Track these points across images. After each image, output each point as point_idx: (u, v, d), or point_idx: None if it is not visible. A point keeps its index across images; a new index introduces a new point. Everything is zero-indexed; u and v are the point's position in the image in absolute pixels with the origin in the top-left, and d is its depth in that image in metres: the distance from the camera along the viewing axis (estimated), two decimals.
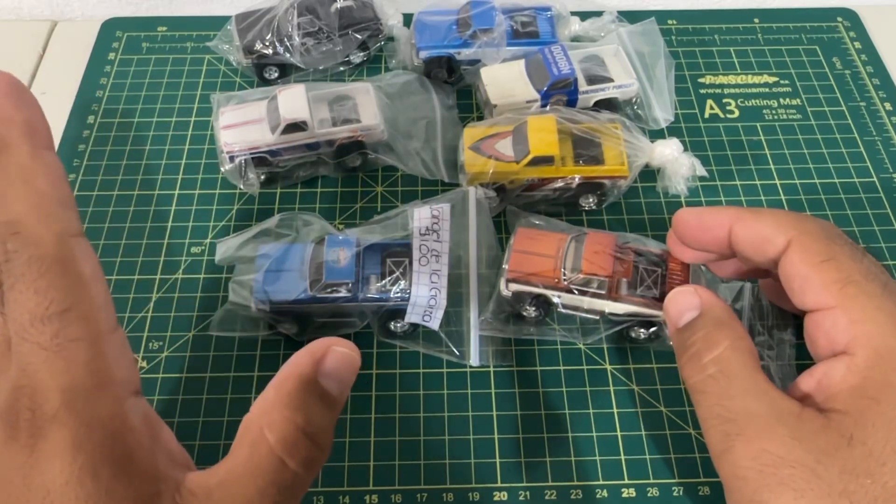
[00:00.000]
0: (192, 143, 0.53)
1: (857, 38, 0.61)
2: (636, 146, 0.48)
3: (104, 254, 0.48)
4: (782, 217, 0.36)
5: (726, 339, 0.34)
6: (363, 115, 0.50)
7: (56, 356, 0.27)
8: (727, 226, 0.37)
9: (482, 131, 0.49)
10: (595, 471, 0.40)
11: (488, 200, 0.47)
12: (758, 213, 0.36)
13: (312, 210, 0.49)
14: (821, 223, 0.35)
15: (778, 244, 0.35)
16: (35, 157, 0.29)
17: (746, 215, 0.36)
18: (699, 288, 0.37)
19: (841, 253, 0.34)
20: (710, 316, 0.36)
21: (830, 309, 0.33)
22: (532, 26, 0.56)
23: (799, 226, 0.35)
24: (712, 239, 0.38)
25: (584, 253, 0.41)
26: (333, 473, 0.40)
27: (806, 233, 0.34)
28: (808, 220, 0.35)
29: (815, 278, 0.33)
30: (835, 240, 0.34)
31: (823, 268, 0.33)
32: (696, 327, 0.36)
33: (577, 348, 0.44)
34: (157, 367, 0.43)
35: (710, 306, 0.36)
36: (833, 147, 0.54)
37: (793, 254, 0.34)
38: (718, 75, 0.58)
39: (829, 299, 0.33)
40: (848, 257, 0.33)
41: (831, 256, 0.33)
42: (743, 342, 0.34)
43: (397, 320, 0.43)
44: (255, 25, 0.55)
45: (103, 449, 0.27)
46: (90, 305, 0.28)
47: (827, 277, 0.33)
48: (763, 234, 0.35)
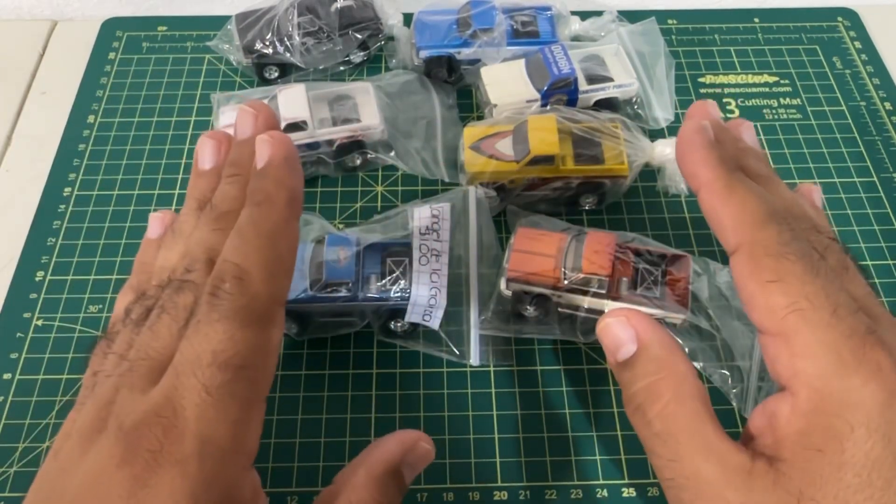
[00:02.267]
0: (192, 143, 0.53)
1: (857, 38, 0.61)
2: (636, 146, 0.48)
3: (104, 254, 0.48)
4: (746, 211, 0.32)
5: (668, 389, 0.32)
6: (363, 114, 0.50)
7: (213, 405, 0.27)
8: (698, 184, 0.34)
9: (482, 131, 0.49)
10: (595, 470, 0.40)
11: (488, 200, 0.47)
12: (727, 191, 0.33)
13: (312, 210, 0.49)
14: (781, 228, 0.32)
15: (730, 242, 0.32)
16: (287, 223, 0.30)
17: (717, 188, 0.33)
18: (632, 316, 0.34)
19: (791, 272, 0.30)
20: (649, 357, 0.33)
21: (774, 336, 0.31)
22: (532, 26, 0.56)
23: (755, 231, 0.32)
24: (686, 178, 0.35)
25: (585, 252, 0.41)
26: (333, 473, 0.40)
27: (758, 242, 0.31)
28: (768, 223, 0.32)
29: (759, 299, 0.31)
30: (788, 255, 0.31)
31: (769, 289, 0.30)
32: (636, 372, 0.33)
33: (578, 348, 0.44)
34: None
35: (647, 343, 0.33)
36: (833, 147, 0.54)
37: (741, 265, 0.32)
38: (718, 75, 0.58)
39: (772, 326, 0.30)
40: (798, 277, 0.30)
41: (779, 277, 0.30)
42: (686, 387, 0.32)
43: (397, 320, 0.43)
44: (255, 25, 0.55)
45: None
46: (263, 373, 0.29)
47: (771, 302, 0.30)
48: (719, 221, 0.33)
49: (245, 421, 0.28)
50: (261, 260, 0.29)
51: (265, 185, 0.31)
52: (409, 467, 0.33)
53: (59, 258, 0.48)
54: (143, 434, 0.26)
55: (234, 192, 0.32)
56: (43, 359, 0.43)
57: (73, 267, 0.47)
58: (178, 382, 0.27)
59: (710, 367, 0.42)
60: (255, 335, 0.28)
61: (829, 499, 0.28)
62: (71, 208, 0.50)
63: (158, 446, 0.26)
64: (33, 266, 0.47)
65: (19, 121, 0.56)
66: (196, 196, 0.34)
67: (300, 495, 0.39)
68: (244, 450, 0.28)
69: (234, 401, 0.27)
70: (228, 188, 0.33)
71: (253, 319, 0.28)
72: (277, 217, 0.30)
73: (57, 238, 0.49)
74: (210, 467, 0.26)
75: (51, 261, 0.47)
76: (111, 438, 0.26)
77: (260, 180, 0.31)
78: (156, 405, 0.27)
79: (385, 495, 0.31)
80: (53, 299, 0.46)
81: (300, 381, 0.43)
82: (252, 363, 0.28)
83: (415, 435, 0.34)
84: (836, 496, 0.28)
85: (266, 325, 0.29)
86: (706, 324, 0.42)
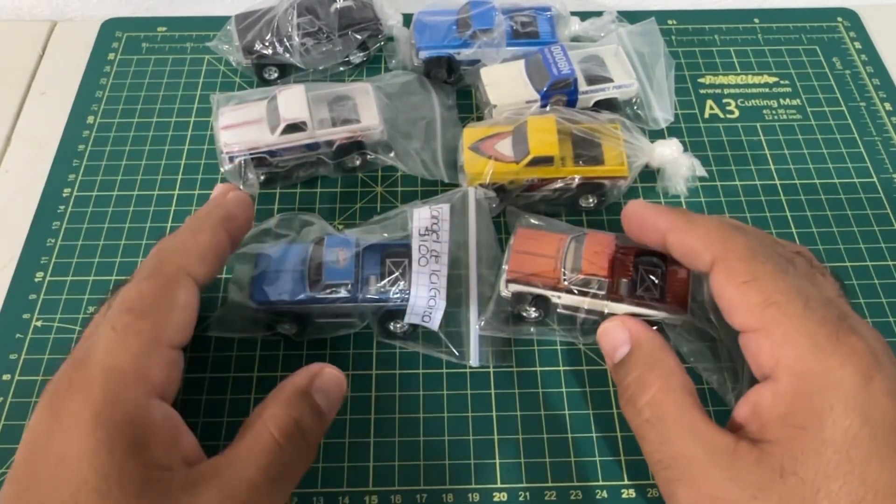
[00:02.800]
0: (192, 143, 0.53)
1: (857, 38, 0.61)
2: (636, 146, 0.48)
3: (104, 254, 0.48)
4: (712, 230, 0.36)
5: (657, 379, 0.35)
6: (363, 115, 0.50)
7: (116, 339, 0.33)
8: (663, 232, 0.37)
9: (482, 131, 0.49)
10: (595, 471, 0.40)
11: (488, 201, 0.47)
12: (690, 224, 0.37)
13: (312, 210, 0.49)
14: (747, 237, 0.35)
15: (705, 260, 0.35)
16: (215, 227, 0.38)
17: (680, 225, 0.37)
18: (627, 320, 0.38)
19: (763, 272, 0.33)
20: (641, 353, 0.36)
21: (754, 332, 0.33)
22: (532, 26, 0.56)
23: (725, 242, 0.35)
24: (651, 240, 0.39)
25: (584, 253, 0.41)
26: (333, 474, 0.40)
27: (730, 251, 0.34)
28: (735, 234, 0.35)
29: (738, 300, 0.34)
30: (758, 257, 0.34)
31: (745, 289, 0.33)
32: (629, 366, 0.36)
33: (577, 349, 0.44)
34: None
35: (640, 341, 0.37)
36: (833, 147, 0.54)
37: (717, 274, 0.34)
38: (718, 75, 0.58)
39: (752, 322, 0.33)
40: (770, 276, 0.33)
41: (753, 277, 0.33)
42: (675, 379, 0.35)
43: (397, 321, 0.43)
44: (255, 25, 0.55)
45: (122, 429, 0.30)
46: (165, 321, 0.34)
47: (749, 300, 0.33)
48: (692, 248, 0.36)
49: (147, 355, 0.33)
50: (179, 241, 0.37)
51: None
52: (321, 393, 0.36)
53: (59, 259, 0.48)
54: (61, 377, 0.32)
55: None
56: (42, 360, 0.43)
57: (72, 268, 0.47)
58: (97, 329, 0.34)
59: (707, 368, 0.42)
60: (158, 287, 0.35)
61: (809, 473, 0.30)
62: (70, 209, 0.50)
63: (69, 383, 0.32)
64: (33, 267, 0.47)
65: (19, 121, 0.56)
66: None
67: (299, 496, 0.39)
68: (147, 379, 0.32)
69: (136, 337, 0.33)
70: None
71: (157, 275, 0.35)
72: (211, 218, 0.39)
73: (56, 239, 0.49)
74: (112, 390, 0.31)
75: (50, 262, 0.47)
76: (45, 395, 0.32)
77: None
78: (76, 353, 0.34)
79: (296, 410, 0.34)
80: (53, 300, 0.46)
81: None
82: (154, 310, 0.34)
83: (321, 364, 0.37)
84: (817, 471, 0.30)
85: (171, 283, 0.35)
86: (705, 325, 0.42)
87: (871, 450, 0.29)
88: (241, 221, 0.40)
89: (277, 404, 0.34)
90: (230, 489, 0.31)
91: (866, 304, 0.46)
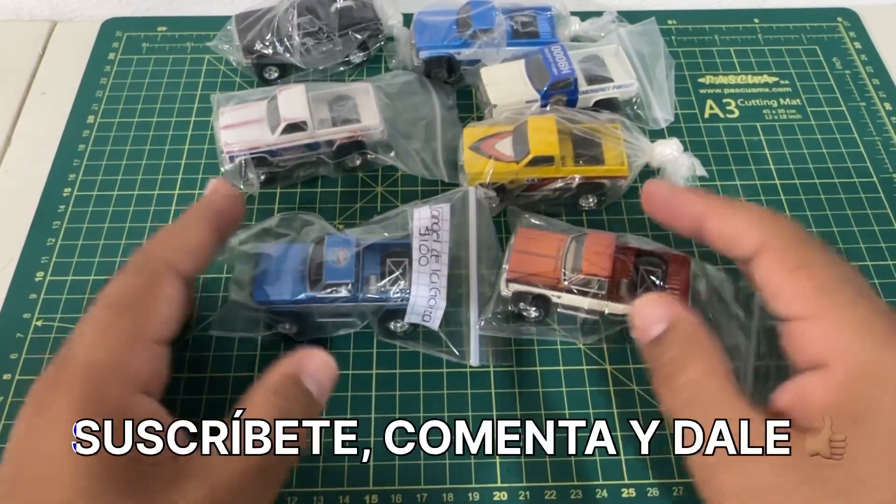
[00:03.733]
0: (192, 143, 0.53)
1: (857, 38, 0.61)
2: (636, 146, 0.48)
3: (104, 254, 0.48)
4: (755, 215, 0.35)
5: (699, 360, 0.33)
6: (363, 115, 0.50)
7: (97, 336, 0.33)
8: (699, 217, 0.36)
9: (482, 131, 0.49)
10: (595, 471, 0.40)
11: (488, 201, 0.47)
12: (731, 208, 0.35)
13: (312, 210, 0.49)
14: (793, 225, 0.34)
15: (749, 245, 0.34)
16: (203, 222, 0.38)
17: (720, 210, 0.35)
18: (666, 298, 0.36)
19: (814, 259, 0.32)
20: (680, 331, 0.34)
21: (804, 319, 0.32)
22: (532, 26, 0.56)
23: (772, 228, 0.34)
24: (683, 225, 0.37)
25: (585, 253, 0.41)
26: (333, 473, 0.40)
27: (778, 236, 0.33)
28: (780, 221, 0.34)
29: (787, 286, 0.32)
30: (807, 244, 0.33)
31: (796, 275, 0.32)
32: (667, 345, 0.34)
33: (577, 348, 0.44)
34: None
35: (679, 320, 0.35)
36: (833, 147, 0.54)
37: (765, 259, 0.33)
38: (718, 75, 0.58)
39: (803, 309, 0.32)
40: (821, 264, 0.32)
41: (804, 263, 0.32)
42: (716, 361, 0.33)
43: (397, 320, 0.43)
44: (255, 25, 0.55)
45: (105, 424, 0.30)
46: (148, 316, 0.34)
47: (800, 286, 0.32)
48: (734, 232, 0.34)
49: (128, 351, 0.33)
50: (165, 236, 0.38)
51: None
52: (311, 378, 0.35)
53: (59, 258, 0.48)
54: (45, 376, 0.32)
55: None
56: (42, 359, 0.43)
57: (72, 267, 0.47)
58: (79, 327, 0.34)
59: None
60: (142, 282, 0.35)
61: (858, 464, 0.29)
62: (71, 208, 0.50)
63: (52, 381, 0.32)
64: (33, 266, 0.47)
65: (19, 121, 0.56)
66: None
67: (299, 496, 0.39)
68: (128, 375, 0.32)
69: (117, 333, 0.33)
70: None
71: (141, 270, 0.35)
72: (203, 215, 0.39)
73: (57, 238, 0.49)
74: (94, 387, 0.31)
75: (50, 261, 0.47)
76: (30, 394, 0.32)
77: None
78: (61, 351, 0.33)
79: (284, 398, 0.34)
80: (53, 300, 0.46)
81: None
82: (136, 305, 0.34)
83: (309, 349, 0.36)
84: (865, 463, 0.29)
85: (155, 278, 0.35)
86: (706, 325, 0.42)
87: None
88: (231, 217, 0.40)
89: (263, 393, 0.34)
90: (218, 480, 0.31)
91: None
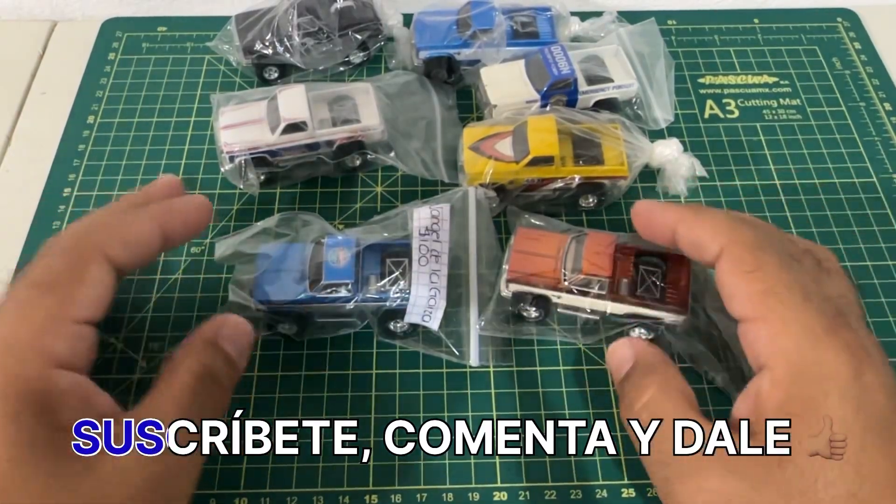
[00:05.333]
0: (192, 143, 0.53)
1: (856, 39, 0.61)
2: (636, 146, 0.48)
3: None
4: (720, 222, 0.36)
5: (653, 384, 0.36)
6: (363, 115, 0.50)
7: (17, 311, 0.33)
8: (672, 226, 0.38)
9: (482, 131, 0.49)
10: (595, 471, 0.40)
11: (488, 201, 0.47)
12: (698, 216, 0.37)
13: (312, 210, 0.49)
14: (756, 229, 0.36)
15: (712, 250, 0.35)
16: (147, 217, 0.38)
17: (687, 217, 0.37)
18: (633, 341, 0.39)
19: (768, 262, 0.34)
20: (641, 364, 0.38)
21: (753, 321, 0.33)
22: (532, 26, 0.56)
23: (732, 233, 0.35)
24: (661, 235, 0.39)
25: (585, 253, 0.42)
26: (333, 473, 0.40)
27: (737, 241, 0.35)
28: (742, 225, 0.36)
29: (740, 288, 0.34)
30: (765, 248, 0.34)
31: (749, 278, 0.34)
32: (631, 378, 0.38)
33: (577, 348, 0.44)
34: (158, 366, 0.43)
35: (642, 355, 0.38)
36: (833, 147, 0.54)
37: (723, 262, 0.35)
38: (718, 75, 0.58)
39: (752, 311, 0.33)
40: (775, 267, 0.34)
41: (757, 267, 0.34)
42: (671, 383, 0.36)
43: (397, 320, 0.43)
44: (255, 25, 0.55)
45: (25, 398, 0.31)
46: (72, 296, 0.34)
47: (751, 288, 0.33)
48: (700, 239, 0.36)
49: (48, 329, 0.33)
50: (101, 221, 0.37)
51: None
52: (228, 340, 0.37)
53: None
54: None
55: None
56: None
57: None
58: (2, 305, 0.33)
59: (711, 368, 0.42)
60: (69, 262, 0.35)
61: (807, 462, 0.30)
62: (71, 208, 0.50)
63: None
64: None
65: (19, 121, 0.56)
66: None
67: (299, 496, 0.39)
68: (48, 352, 0.32)
69: (38, 311, 0.33)
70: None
71: (69, 250, 0.35)
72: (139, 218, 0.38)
73: None
74: (12, 363, 0.31)
75: None
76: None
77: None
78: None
79: (205, 356, 0.36)
80: None
81: (300, 381, 0.43)
82: (60, 284, 0.34)
83: (225, 315, 0.39)
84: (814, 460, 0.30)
85: (84, 259, 0.35)
86: (706, 325, 0.42)
87: (865, 440, 0.30)
88: (187, 222, 0.40)
89: (187, 353, 0.36)
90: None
91: (866, 304, 0.46)
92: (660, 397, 0.35)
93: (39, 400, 0.31)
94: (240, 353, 0.38)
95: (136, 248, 0.37)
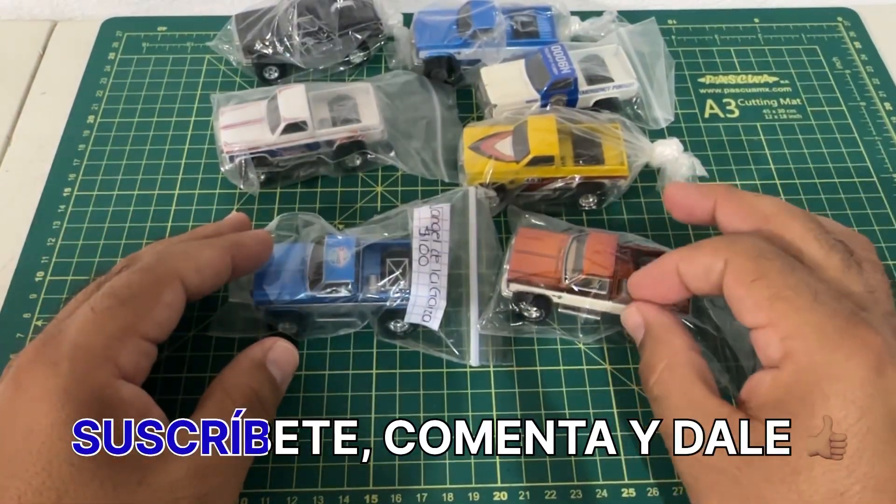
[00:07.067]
0: (192, 143, 0.53)
1: (857, 38, 0.61)
2: (636, 146, 0.48)
3: (104, 254, 0.48)
4: (718, 242, 0.37)
5: (662, 360, 0.37)
6: (363, 115, 0.50)
7: (93, 320, 0.33)
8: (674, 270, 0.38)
9: (482, 131, 0.49)
10: (595, 471, 0.40)
11: (489, 200, 0.47)
12: (697, 248, 0.37)
13: (312, 210, 0.49)
14: (753, 241, 0.36)
15: (717, 269, 0.35)
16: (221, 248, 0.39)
17: (687, 254, 0.38)
18: (641, 305, 0.40)
19: (770, 269, 0.34)
20: (650, 336, 0.39)
21: (764, 327, 0.34)
22: (532, 26, 0.56)
23: (732, 247, 0.35)
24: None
25: (586, 253, 0.41)
26: (333, 473, 0.40)
27: (738, 253, 0.35)
28: (740, 239, 0.36)
29: (747, 297, 0.34)
30: (765, 256, 0.34)
31: (754, 287, 0.34)
32: (643, 350, 0.39)
33: (577, 348, 0.44)
34: (157, 366, 0.43)
35: (650, 325, 0.39)
36: (833, 147, 0.54)
37: (727, 276, 0.35)
38: (718, 75, 0.58)
39: (761, 317, 0.34)
40: (777, 273, 0.34)
41: (761, 274, 0.34)
42: (679, 357, 0.37)
43: (397, 320, 0.43)
44: (255, 25, 0.55)
45: (90, 404, 0.31)
46: (146, 313, 0.35)
47: (757, 296, 0.34)
48: (704, 264, 0.36)
49: (120, 339, 0.33)
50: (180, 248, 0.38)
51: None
52: (274, 365, 0.38)
53: (59, 259, 0.48)
54: (26, 351, 0.33)
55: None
56: None
57: (72, 267, 0.47)
58: (77, 310, 0.34)
59: (713, 367, 0.42)
60: (148, 281, 0.35)
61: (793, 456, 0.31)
62: (71, 208, 0.50)
63: (34, 356, 0.32)
64: (33, 266, 0.47)
65: (19, 121, 0.56)
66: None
67: (299, 496, 0.39)
68: (115, 362, 0.33)
69: (113, 321, 0.34)
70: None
71: (150, 270, 0.36)
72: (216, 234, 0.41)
73: (57, 238, 0.49)
74: (81, 368, 0.32)
75: (51, 261, 0.47)
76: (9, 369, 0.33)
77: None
78: (47, 329, 0.34)
79: (254, 380, 0.37)
80: (53, 300, 0.46)
81: (300, 381, 0.43)
82: (137, 299, 0.35)
83: (273, 338, 0.40)
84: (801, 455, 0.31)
85: (162, 280, 0.36)
86: (707, 325, 0.42)
87: (865, 443, 0.30)
88: (252, 255, 0.41)
89: (236, 375, 0.37)
90: (198, 456, 0.33)
91: None
92: (667, 375, 0.36)
93: (102, 407, 0.31)
94: (284, 377, 0.39)
95: (208, 275, 0.38)
